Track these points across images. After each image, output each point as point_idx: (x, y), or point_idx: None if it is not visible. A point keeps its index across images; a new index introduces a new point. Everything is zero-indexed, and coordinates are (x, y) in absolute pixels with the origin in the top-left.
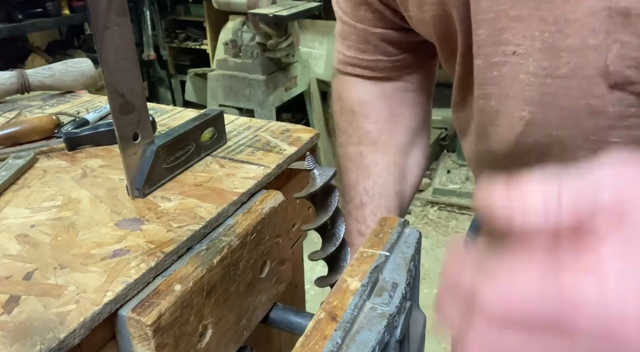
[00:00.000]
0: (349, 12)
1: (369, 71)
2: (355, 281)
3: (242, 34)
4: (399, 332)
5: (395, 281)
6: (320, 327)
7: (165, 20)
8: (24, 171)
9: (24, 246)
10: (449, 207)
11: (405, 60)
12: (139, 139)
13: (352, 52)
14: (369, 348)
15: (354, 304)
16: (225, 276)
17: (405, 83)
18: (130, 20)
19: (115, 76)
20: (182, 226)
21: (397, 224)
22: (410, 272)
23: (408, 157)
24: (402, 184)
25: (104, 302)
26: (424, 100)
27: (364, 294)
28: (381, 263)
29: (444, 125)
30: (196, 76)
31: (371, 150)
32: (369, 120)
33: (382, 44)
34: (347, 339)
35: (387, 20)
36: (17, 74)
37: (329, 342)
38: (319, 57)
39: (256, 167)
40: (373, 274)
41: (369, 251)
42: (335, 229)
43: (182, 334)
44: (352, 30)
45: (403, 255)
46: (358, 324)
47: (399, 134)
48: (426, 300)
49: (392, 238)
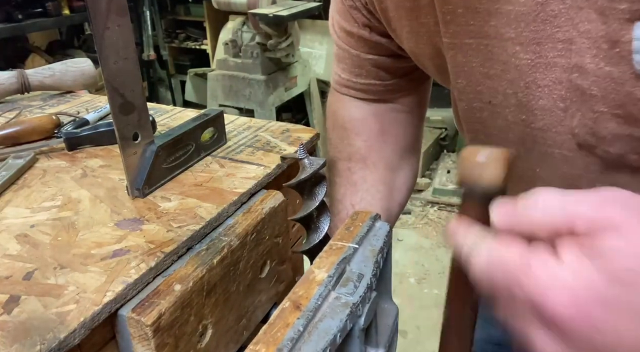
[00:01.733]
0: (343, 38)
1: (362, 93)
2: (322, 272)
3: (242, 34)
4: (362, 321)
5: (362, 272)
6: (284, 315)
7: (165, 20)
8: (24, 171)
9: (24, 246)
10: (449, 207)
11: (398, 85)
12: (139, 139)
13: (346, 75)
14: (330, 335)
15: (319, 294)
16: (225, 276)
17: (397, 105)
18: (130, 20)
19: (115, 76)
20: (182, 226)
21: (369, 218)
22: (377, 264)
23: (396, 176)
24: (389, 201)
25: (104, 302)
26: (415, 121)
27: (330, 284)
28: (349, 255)
29: (444, 126)
30: (196, 76)
31: (360, 167)
32: (360, 137)
33: (374, 70)
34: (309, 326)
35: (381, 47)
36: (17, 74)
37: (291, 329)
38: (319, 57)
39: (256, 167)
40: (340, 265)
41: (338, 243)
42: (320, 222)
43: (182, 334)
44: (346, 55)
45: (372, 247)
46: (322, 312)
47: (389, 152)
48: (426, 300)
49: (362, 231)
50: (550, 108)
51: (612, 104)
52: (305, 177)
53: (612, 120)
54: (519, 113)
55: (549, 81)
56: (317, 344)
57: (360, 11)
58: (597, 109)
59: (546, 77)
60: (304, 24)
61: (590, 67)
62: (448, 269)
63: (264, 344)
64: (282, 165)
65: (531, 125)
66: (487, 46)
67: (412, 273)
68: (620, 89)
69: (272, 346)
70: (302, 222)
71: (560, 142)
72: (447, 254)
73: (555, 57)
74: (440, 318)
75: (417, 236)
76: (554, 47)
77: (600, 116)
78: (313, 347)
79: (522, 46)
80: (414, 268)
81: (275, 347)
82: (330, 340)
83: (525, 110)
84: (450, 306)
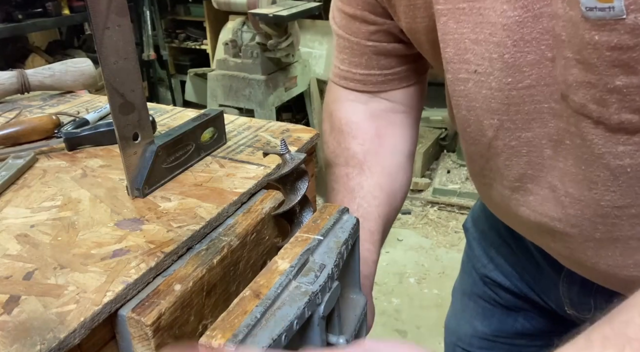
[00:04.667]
0: (344, 26)
1: (361, 85)
2: (285, 262)
3: (242, 34)
4: (322, 309)
5: (324, 262)
6: (243, 303)
7: (165, 20)
8: (24, 171)
9: (24, 246)
10: (449, 207)
11: (397, 75)
12: (139, 139)
13: (345, 66)
14: (286, 322)
15: (279, 283)
16: (225, 276)
17: (394, 104)
18: (130, 20)
19: (115, 76)
20: (182, 226)
21: (336, 211)
22: (340, 255)
23: (393, 180)
24: (386, 207)
25: (104, 302)
26: (411, 122)
27: (291, 274)
28: (313, 246)
29: (444, 126)
30: (196, 76)
31: (357, 173)
32: (356, 141)
33: (374, 57)
34: (267, 314)
35: (381, 32)
36: (17, 74)
37: (249, 316)
38: (319, 57)
39: (256, 167)
40: (303, 256)
41: (304, 235)
42: (302, 216)
43: (182, 334)
44: (346, 43)
45: (336, 239)
46: (281, 300)
47: (385, 156)
48: (426, 300)
49: (328, 224)
50: (539, 60)
51: (574, 48)
52: (286, 172)
53: (575, 66)
54: (505, 76)
55: (537, 33)
56: (273, 330)
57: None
58: (566, 54)
59: (534, 29)
60: (304, 24)
61: (560, 12)
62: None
63: (221, 330)
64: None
65: (518, 86)
66: (479, 9)
67: (412, 273)
68: (576, 33)
69: (228, 332)
70: (285, 216)
71: (549, 94)
72: (447, 254)
73: (542, 7)
74: (440, 318)
75: (417, 236)
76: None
77: (567, 62)
78: (269, 333)
79: (509, 4)
80: (414, 268)
81: (232, 333)
82: (287, 326)
83: (512, 71)
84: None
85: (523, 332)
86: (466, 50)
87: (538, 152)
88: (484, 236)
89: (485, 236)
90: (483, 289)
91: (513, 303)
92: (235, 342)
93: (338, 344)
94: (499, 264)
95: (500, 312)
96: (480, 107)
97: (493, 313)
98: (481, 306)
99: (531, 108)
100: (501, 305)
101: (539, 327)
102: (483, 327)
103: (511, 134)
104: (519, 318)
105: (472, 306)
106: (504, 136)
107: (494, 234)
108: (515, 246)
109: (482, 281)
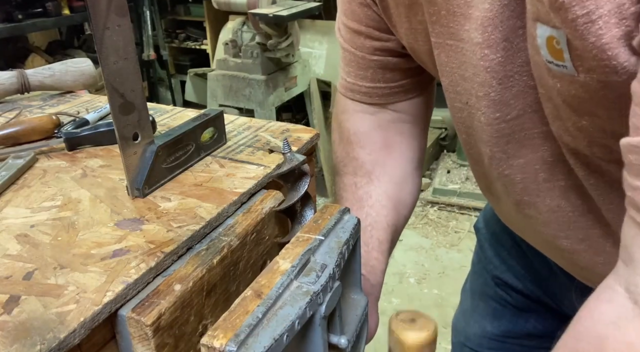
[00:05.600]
0: (349, 40)
1: (367, 97)
2: (286, 262)
3: (242, 34)
4: (324, 309)
5: (326, 262)
6: (245, 303)
7: (165, 20)
8: (24, 171)
9: (24, 246)
10: (449, 207)
11: (403, 87)
12: (139, 139)
13: (352, 79)
14: (288, 322)
15: (281, 283)
16: (225, 276)
17: (401, 114)
18: (130, 20)
19: (115, 76)
20: (182, 226)
21: (337, 211)
22: (341, 255)
23: (401, 189)
24: (394, 215)
25: (104, 302)
26: (419, 132)
27: (292, 274)
28: (314, 246)
29: (443, 126)
30: (196, 76)
31: (365, 182)
32: (364, 151)
33: (380, 71)
34: (268, 313)
35: (386, 47)
36: (17, 74)
37: (250, 316)
38: (319, 57)
39: (256, 167)
40: (304, 256)
41: (305, 235)
42: (304, 213)
43: (182, 334)
44: (352, 57)
45: (337, 239)
46: (282, 300)
47: (393, 165)
48: (426, 300)
49: (330, 224)
50: (523, 90)
51: (544, 87)
52: (284, 171)
53: (548, 101)
54: (493, 112)
55: (518, 67)
56: (274, 330)
57: (366, 7)
58: (539, 89)
59: (515, 64)
60: (304, 24)
61: (531, 52)
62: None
63: (222, 330)
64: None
65: (506, 118)
66: (462, 49)
67: (412, 273)
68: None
69: (230, 332)
70: (287, 213)
71: (538, 120)
72: (447, 254)
73: (519, 43)
74: (440, 318)
75: (417, 236)
76: (518, 35)
77: (542, 96)
78: (270, 333)
79: (490, 49)
80: (414, 268)
81: (233, 333)
82: (288, 326)
83: (499, 107)
84: None
85: (534, 333)
86: (457, 84)
87: (532, 178)
88: (496, 238)
89: (497, 237)
90: (494, 290)
91: (525, 304)
92: (237, 342)
93: (339, 344)
94: (511, 266)
95: (511, 313)
96: (474, 134)
97: (504, 314)
98: (492, 306)
99: (521, 136)
100: (512, 306)
101: (551, 329)
102: (493, 327)
103: (504, 163)
104: (530, 319)
105: (482, 307)
106: (497, 165)
107: (506, 236)
108: (527, 250)
109: (494, 282)
